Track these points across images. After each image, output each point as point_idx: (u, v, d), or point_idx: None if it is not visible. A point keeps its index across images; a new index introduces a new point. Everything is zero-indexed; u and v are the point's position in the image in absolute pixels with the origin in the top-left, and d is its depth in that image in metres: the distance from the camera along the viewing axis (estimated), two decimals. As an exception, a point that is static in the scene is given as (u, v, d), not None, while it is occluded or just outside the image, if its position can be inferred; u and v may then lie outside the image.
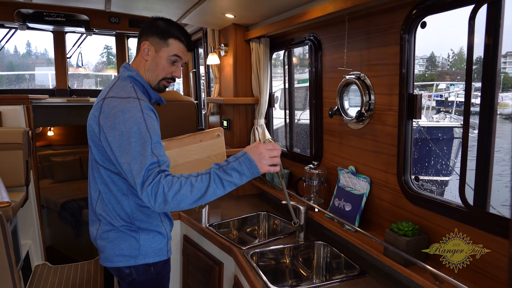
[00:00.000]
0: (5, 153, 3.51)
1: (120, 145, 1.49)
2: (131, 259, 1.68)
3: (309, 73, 2.54)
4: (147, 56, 1.69)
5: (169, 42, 1.68)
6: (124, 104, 1.53)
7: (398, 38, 1.78)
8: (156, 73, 1.71)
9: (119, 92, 1.59)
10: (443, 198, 1.67)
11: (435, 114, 8.62)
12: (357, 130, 2.15)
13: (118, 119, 1.50)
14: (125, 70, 1.71)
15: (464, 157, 1.55)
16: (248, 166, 1.49)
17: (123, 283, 1.75)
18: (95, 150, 1.63)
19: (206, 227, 2.45)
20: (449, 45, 12.49)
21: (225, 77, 3.33)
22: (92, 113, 1.61)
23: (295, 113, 3.02)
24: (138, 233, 1.68)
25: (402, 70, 1.78)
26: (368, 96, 2.02)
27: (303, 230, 2.27)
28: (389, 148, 1.93)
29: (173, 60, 1.70)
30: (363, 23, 2.02)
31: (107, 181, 1.65)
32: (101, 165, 1.64)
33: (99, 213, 1.70)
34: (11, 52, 21.36)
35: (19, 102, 4.01)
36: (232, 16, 2.79)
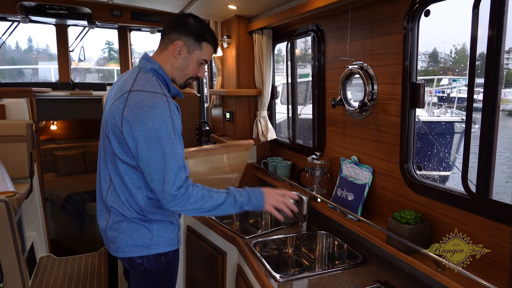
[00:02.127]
0: (9, 145, 3.53)
1: (147, 142, 1.53)
2: (144, 249, 1.70)
3: (312, 64, 2.54)
4: (178, 55, 1.71)
5: (203, 45, 1.73)
6: (152, 100, 1.55)
7: (402, 27, 1.78)
8: (185, 72, 1.76)
9: (144, 86, 1.60)
10: (446, 186, 1.68)
11: (436, 109, 8.57)
12: (360, 120, 2.16)
13: (147, 114, 1.52)
14: (147, 62, 1.70)
15: (467, 144, 1.54)
16: (258, 197, 1.74)
17: (134, 273, 1.77)
18: (115, 142, 1.63)
19: (210, 218, 2.46)
20: (451, 40, 12.34)
21: (227, 69, 3.33)
22: (116, 105, 1.60)
23: (297, 107, 3.02)
24: (150, 224, 1.72)
25: (405, 59, 1.78)
26: (371, 86, 2.02)
27: (306, 220, 2.28)
28: (392, 138, 1.93)
29: (201, 62, 1.77)
30: (366, 12, 2.02)
31: (122, 173, 1.66)
32: (118, 158, 1.64)
33: (110, 204, 1.71)
34: (12, 48, 21.31)
35: (23, 95, 4.02)
36: (235, 7, 2.78)
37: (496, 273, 1.44)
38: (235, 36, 3.08)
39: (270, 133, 3.07)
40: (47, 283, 3.68)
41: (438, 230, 1.68)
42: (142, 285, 1.79)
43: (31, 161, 3.71)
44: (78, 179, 6.35)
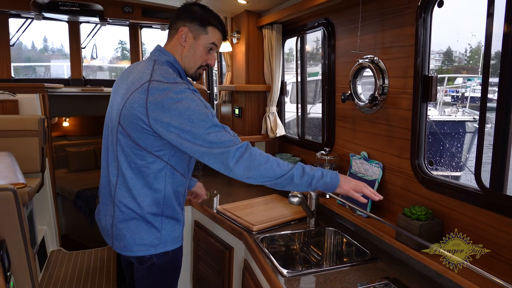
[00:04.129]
0: (22, 140, 3.58)
1: (181, 123, 1.48)
2: (152, 248, 1.69)
3: (322, 58, 2.51)
4: (185, 42, 1.67)
5: (208, 30, 1.67)
6: (175, 87, 1.52)
7: (414, 18, 1.74)
8: (195, 60, 1.70)
9: (164, 76, 1.55)
10: (458, 182, 1.64)
11: (447, 108, 8.42)
12: (370, 115, 2.12)
13: (173, 100, 1.48)
14: (161, 54, 1.67)
15: (481, 138, 1.50)
16: (333, 175, 1.63)
17: (141, 268, 1.76)
18: (136, 135, 1.57)
19: (217, 212, 2.45)
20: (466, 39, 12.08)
21: (237, 64, 3.31)
22: (137, 96, 1.53)
23: (306, 98, 2.99)
24: (161, 222, 1.70)
25: (417, 52, 1.74)
26: (382, 79, 1.98)
27: (314, 216, 2.25)
28: (403, 132, 1.89)
29: (209, 48, 1.70)
30: (377, 4, 1.98)
31: (143, 164, 1.61)
32: (142, 148, 1.59)
33: (119, 199, 1.67)
34: (28, 47, 21.83)
35: (35, 91, 4.08)
36: (244, 2, 2.77)
37: (510, 270, 1.39)
38: (244, 32, 3.07)
39: (279, 129, 3.04)
40: (57, 276, 3.72)
41: (450, 227, 1.63)
42: (149, 279, 1.78)
43: (43, 156, 3.76)
44: (89, 175, 6.42)
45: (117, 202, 1.67)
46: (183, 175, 1.75)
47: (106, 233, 1.78)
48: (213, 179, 3.44)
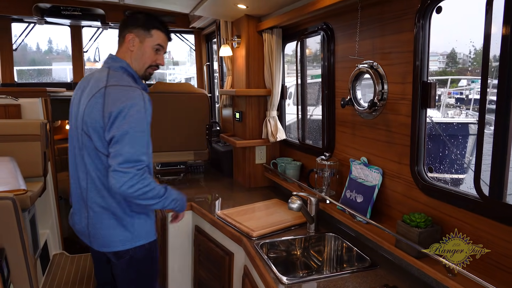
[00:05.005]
0: (24, 144, 3.60)
1: (120, 127, 1.64)
2: (127, 242, 1.83)
3: (321, 63, 2.51)
4: (133, 46, 1.83)
5: (152, 32, 1.85)
6: (129, 92, 1.69)
7: (413, 24, 1.73)
8: (143, 61, 1.87)
9: (119, 81, 1.73)
10: (457, 189, 1.63)
11: (450, 110, 8.35)
12: (370, 120, 2.11)
13: (123, 104, 1.65)
14: (114, 61, 1.84)
15: (480, 147, 1.49)
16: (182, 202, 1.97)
17: (120, 263, 1.88)
18: (96, 138, 1.71)
19: (217, 218, 2.45)
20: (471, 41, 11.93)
21: (237, 69, 3.31)
22: (94, 101, 1.69)
23: (307, 106, 2.99)
24: (132, 218, 1.83)
25: (416, 58, 1.73)
26: (381, 85, 1.97)
27: (314, 221, 2.25)
28: (403, 138, 1.88)
29: (156, 49, 1.88)
30: (376, 10, 1.97)
31: (105, 167, 1.73)
32: (102, 153, 1.72)
33: (92, 201, 1.79)
34: (33, 49, 22.02)
35: (37, 95, 4.10)
36: (244, 6, 2.77)
37: (510, 279, 1.38)
38: (245, 36, 3.07)
39: (279, 134, 3.04)
40: (60, 279, 3.73)
41: (449, 234, 1.62)
42: (129, 273, 1.91)
43: (45, 160, 3.77)
44: (92, 178, 6.43)
45: (89, 204, 1.80)
46: None
47: (83, 234, 1.90)
48: (215, 183, 3.45)
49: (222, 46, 3.36)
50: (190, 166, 3.79)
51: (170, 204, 1.86)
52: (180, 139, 3.43)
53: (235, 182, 3.43)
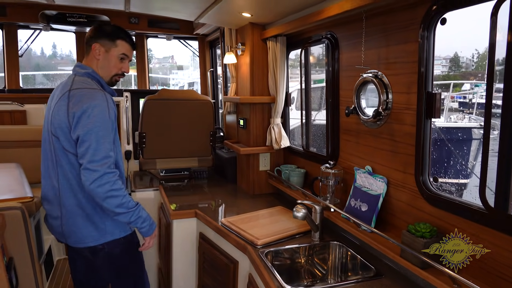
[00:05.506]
0: (29, 150, 3.63)
1: (85, 125, 1.77)
2: (101, 237, 1.95)
3: (325, 71, 2.52)
4: (99, 55, 1.97)
5: (117, 43, 1.99)
6: (92, 93, 1.84)
7: (417, 35, 1.74)
8: (109, 69, 2.01)
9: (83, 84, 1.88)
10: (462, 199, 1.63)
11: (453, 115, 8.35)
12: (374, 129, 2.12)
13: (88, 105, 1.78)
14: (80, 68, 1.97)
15: (485, 158, 1.50)
16: (149, 225, 2.04)
17: (97, 258, 1.98)
18: (63, 138, 1.84)
19: (221, 225, 2.46)
20: (473, 45, 11.95)
21: (241, 76, 3.33)
22: (59, 104, 1.83)
23: (311, 114, 3.00)
24: (102, 213, 1.93)
25: (421, 68, 1.74)
26: (385, 94, 1.98)
27: (319, 230, 2.25)
28: (407, 148, 1.89)
29: (121, 58, 2.02)
30: (381, 20, 1.99)
31: (76, 166, 1.86)
32: (70, 152, 1.85)
33: (64, 200, 1.91)
34: (38, 54, 22.30)
35: (43, 101, 4.13)
36: (249, 15, 2.79)
37: (516, 292, 1.39)
38: (249, 43, 3.09)
39: (283, 141, 3.05)
40: (64, 285, 3.74)
41: (455, 244, 1.62)
42: (110, 270, 2.03)
43: (50, 166, 3.80)
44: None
45: (63, 203, 1.92)
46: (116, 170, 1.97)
47: (58, 233, 2.01)
48: (218, 189, 3.45)
49: (227, 53, 3.38)
50: (194, 171, 3.80)
51: (137, 221, 1.94)
52: (184, 146, 3.45)
53: (239, 188, 3.44)
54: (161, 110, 3.28)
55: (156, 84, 17.42)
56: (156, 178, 3.73)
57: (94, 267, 2.03)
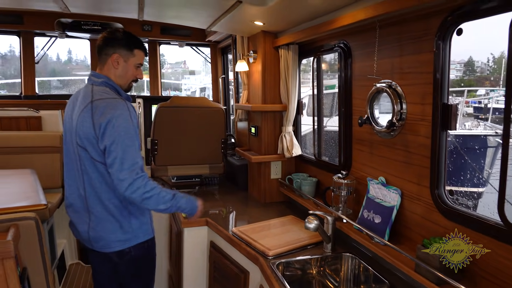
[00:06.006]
0: (43, 156, 3.68)
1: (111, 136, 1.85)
2: (127, 242, 2.03)
3: (338, 79, 2.50)
4: (118, 65, 2.03)
5: (135, 52, 2.06)
6: (114, 103, 1.90)
7: (432, 45, 1.71)
8: (127, 78, 2.08)
9: (103, 95, 1.94)
10: (480, 214, 1.59)
11: (468, 122, 8.19)
12: (388, 140, 2.09)
13: (110, 115, 1.85)
14: (96, 77, 2.03)
15: (504, 170, 1.45)
16: (191, 207, 2.15)
17: (123, 261, 2.06)
18: (91, 149, 1.91)
19: (232, 234, 2.45)
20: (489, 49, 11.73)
21: (253, 83, 3.33)
22: (84, 116, 1.90)
23: (323, 122, 2.98)
24: (129, 219, 2.02)
25: (436, 79, 1.71)
26: (399, 105, 1.95)
27: (331, 241, 2.22)
28: (422, 160, 1.85)
29: (137, 66, 2.10)
30: (395, 30, 1.96)
31: (104, 174, 1.94)
32: (98, 161, 1.93)
33: (92, 206, 1.98)
34: (54, 60, 22.79)
35: (57, 107, 4.20)
36: (261, 23, 2.79)
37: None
38: (261, 51, 3.09)
39: (295, 149, 3.03)
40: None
41: (471, 260, 1.58)
42: (130, 270, 2.11)
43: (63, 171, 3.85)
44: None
45: (90, 211, 1.99)
46: None
47: (84, 238, 2.07)
48: (229, 196, 3.45)
49: (238, 61, 3.38)
50: (205, 178, 3.81)
51: (178, 210, 2.08)
52: (195, 153, 3.45)
53: (250, 196, 3.43)
54: (173, 117, 3.30)
55: (168, 89, 17.58)
56: (167, 185, 3.74)
57: (118, 270, 2.11)
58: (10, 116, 3.99)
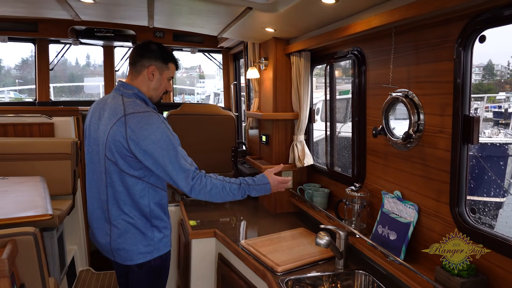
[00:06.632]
0: (54, 163, 3.69)
1: (155, 152, 1.84)
2: (148, 254, 2.01)
3: (351, 88, 2.41)
4: (153, 77, 2.02)
5: (169, 66, 2.07)
6: (148, 117, 1.87)
7: (452, 53, 1.61)
8: (160, 90, 2.08)
9: (135, 108, 1.90)
10: (506, 236, 1.46)
11: (487, 129, 7.92)
12: (404, 152, 1.98)
13: (148, 131, 1.84)
14: (126, 88, 2.00)
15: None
16: (265, 191, 2.11)
17: (140, 272, 2.05)
18: (122, 162, 1.89)
19: (241, 248, 2.37)
20: (509, 52, 11.44)
21: (264, 91, 3.26)
22: (117, 129, 1.86)
23: (336, 128, 2.88)
24: (152, 231, 2.01)
25: (456, 89, 1.60)
26: (416, 115, 1.85)
27: (343, 257, 2.12)
28: (441, 174, 1.74)
29: (169, 79, 2.11)
30: (411, 37, 1.86)
31: (129, 186, 1.93)
32: (126, 173, 1.91)
33: (113, 218, 1.96)
34: (72, 64, 23.41)
35: (70, 114, 4.22)
36: (272, 30, 2.73)
37: None
38: (272, 58, 3.02)
39: (307, 158, 2.94)
40: (85, 297, 3.75)
41: (497, 286, 1.46)
42: (147, 280, 2.09)
43: (74, 178, 3.85)
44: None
45: (112, 221, 1.97)
46: (163, 189, 2.08)
47: (105, 250, 2.06)
48: (240, 206, 3.38)
49: (249, 68, 3.32)
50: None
51: (250, 194, 2.06)
52: (205, 161, 3.38)
53: (261, 206, 3.35)
54: (182, 125, 3.26)
55: (182, 94, 17.71)
56: (177, 193, 3.70)
57: (139, 280, 2.10)
58: (23, 123, 4.03)
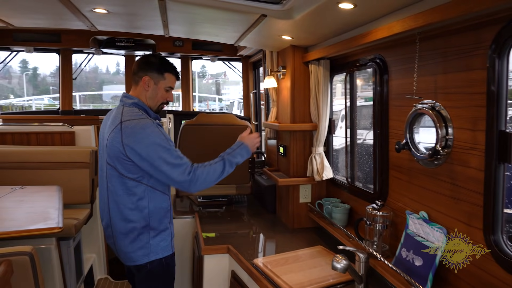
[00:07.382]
0: (73, 172, 3.71)
1: (149, 154, 1.94)
2: (144, 257, 2.08)
3: (373, 98, 2.25)
4: (148, 87, 2.11)
5: (165, 76, 2.13)
6: (141, 123, 1.98)
7: (485, 61, 1.44)
8: (157, 100, 2.15)
9: (131, 116, 2.01)
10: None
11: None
12: (431, 169, 1.80)
13: (142, 135, 1.94)
14: (127, 99, 2.11)
15: None
16: (246, 152, 2.22)
17: (140, 275, 2.13)
18: (120, 166, 1.99)
19: (254, 267, 2.25)
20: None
21: (282, 101, 3.14)
22: (114, 136, 1.98)
23: (356, 139, 2.71)
24: (149, 234, 2.08)
25: (490, 101, 1.43)
26: (444, 129, 1.67)
27: (363, 281, 1.96)
28: (473, 196, 1.56)
29: (167, 89, 2.17)
30: (438, 43, 1.70)
31: (129, 189, 2.02)
32: (126, 177, 2.00)
33: (114, 221, 2.07)
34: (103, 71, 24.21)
35: (90, 123, 4.26)
36: (289, 37, 2.61)
37: None
38: (290, 67, 2.90)
39: (326, 172, 2.79)
40: (102, 307, 3.73)
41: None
42: (148, 285, 2.14)
43: (93, 187, 3.86)
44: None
45: (113, 224, 2.09)
46: (164, 193, 2.14)
47: (114, 250, 2.19)
48: (257, 218, 3.27)
49: (267, 77, 3.22)
50: (233, 197, 3.66)
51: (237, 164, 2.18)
52: (221, 172, 3.31)
53: (278, 220, 3.21)
54: (197, 135, 3.19)
55: (207, 101, 17.85)
56: (194, 204, 3.62)
57: (140, 282, 2.17)
58: (46, 131, 4.09)
